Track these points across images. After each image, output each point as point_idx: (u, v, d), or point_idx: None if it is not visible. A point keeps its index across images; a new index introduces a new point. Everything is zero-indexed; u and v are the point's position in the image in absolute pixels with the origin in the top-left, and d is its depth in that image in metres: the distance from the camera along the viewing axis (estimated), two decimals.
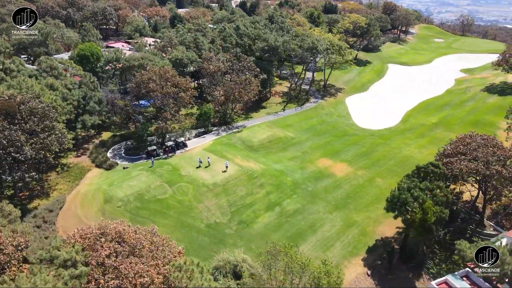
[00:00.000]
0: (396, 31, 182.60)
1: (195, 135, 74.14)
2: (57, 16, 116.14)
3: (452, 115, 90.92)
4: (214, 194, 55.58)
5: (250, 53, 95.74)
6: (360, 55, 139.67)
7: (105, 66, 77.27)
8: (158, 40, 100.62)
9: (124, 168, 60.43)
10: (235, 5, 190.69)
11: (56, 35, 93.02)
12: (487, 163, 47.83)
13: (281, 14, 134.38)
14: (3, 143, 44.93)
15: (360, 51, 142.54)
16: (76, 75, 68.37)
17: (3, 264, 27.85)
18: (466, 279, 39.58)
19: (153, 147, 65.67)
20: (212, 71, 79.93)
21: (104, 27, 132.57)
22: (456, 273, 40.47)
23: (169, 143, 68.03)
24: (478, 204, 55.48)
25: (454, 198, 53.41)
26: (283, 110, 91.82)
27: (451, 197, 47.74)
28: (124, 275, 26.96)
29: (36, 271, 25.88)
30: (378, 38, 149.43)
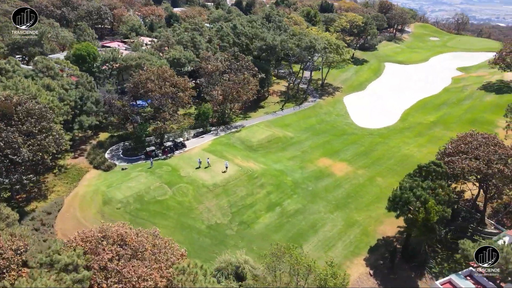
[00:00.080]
0: (392, 30, 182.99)
1: (194, 135, 73.52)
2: (51, 16, 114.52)
3: (450, 114, 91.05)
4: (214, 195, 55.10)
5: (248, 52, 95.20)
6: (356, 54, 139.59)
7: (102, 66, 76.27)
8: (155, 39, 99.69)
9: (122, 169, 59.71)
10: (230, 3, 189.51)
11: (50, 35, 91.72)
12: (488, 162, 47.82)
13: (278, 13, 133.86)
14: (0, 145, 44.13)
15: (357, 50, 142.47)
16: (73, 75, 67.44)
17: (2, 269, 27.10)
18: (470, 278, 39.53)
19: (151, 147, 64.92)
20: (210, 71, 79.30)
21: (99, 26, 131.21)
22: (460, 272, 40.40)
23: (167, 143, 67.34)
24: (479, 202, 55.52)
25: (455, 197, 53.32)
26: (281, 109, 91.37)
27: (453, 196, 47.65)
28: (127, 279, 26.48)
29: (36, 275, 25.24)
30: (375, 37, 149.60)
